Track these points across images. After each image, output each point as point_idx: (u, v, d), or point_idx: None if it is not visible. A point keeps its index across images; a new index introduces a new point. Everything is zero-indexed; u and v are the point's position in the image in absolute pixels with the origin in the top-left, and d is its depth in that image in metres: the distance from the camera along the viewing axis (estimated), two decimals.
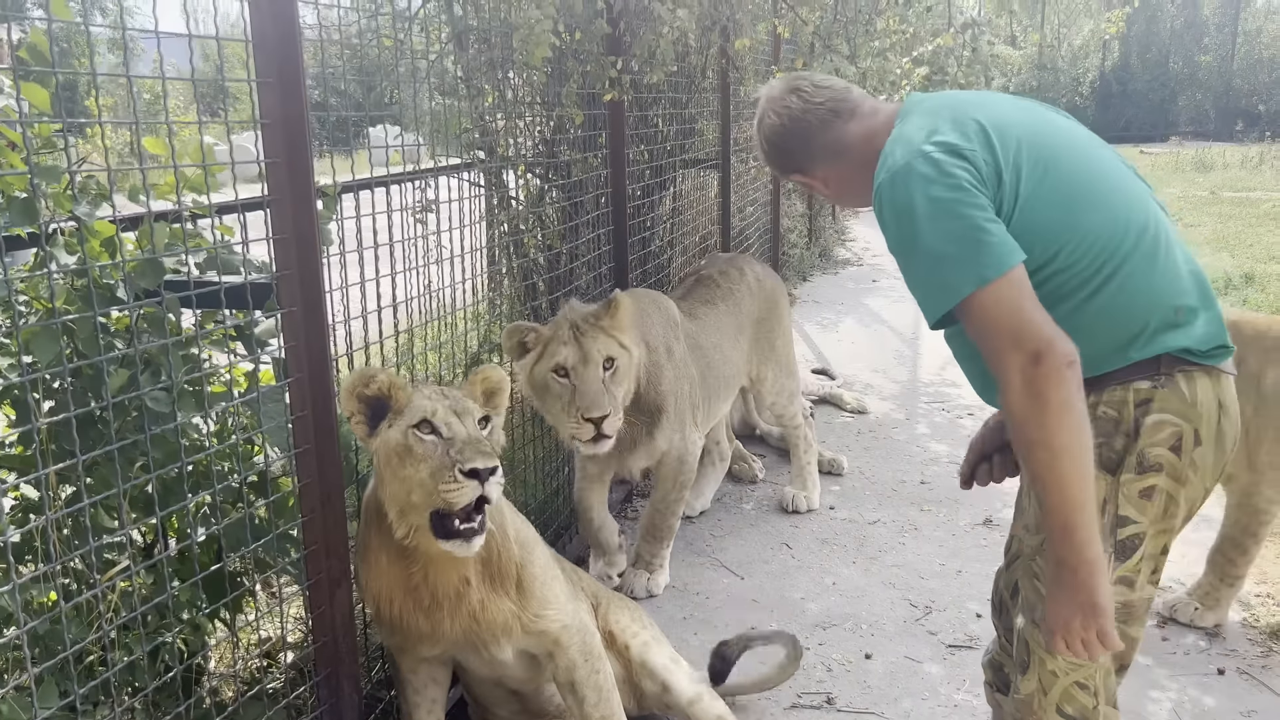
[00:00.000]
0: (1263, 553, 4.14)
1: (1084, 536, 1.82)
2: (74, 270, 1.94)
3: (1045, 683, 2.11)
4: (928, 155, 1.90)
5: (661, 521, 4.01)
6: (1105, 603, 1.85)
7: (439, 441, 2.20)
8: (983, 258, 1.83)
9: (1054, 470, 1.79)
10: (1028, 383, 1.78)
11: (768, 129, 2.26)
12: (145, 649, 1.97)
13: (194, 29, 2.02)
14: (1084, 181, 1.98)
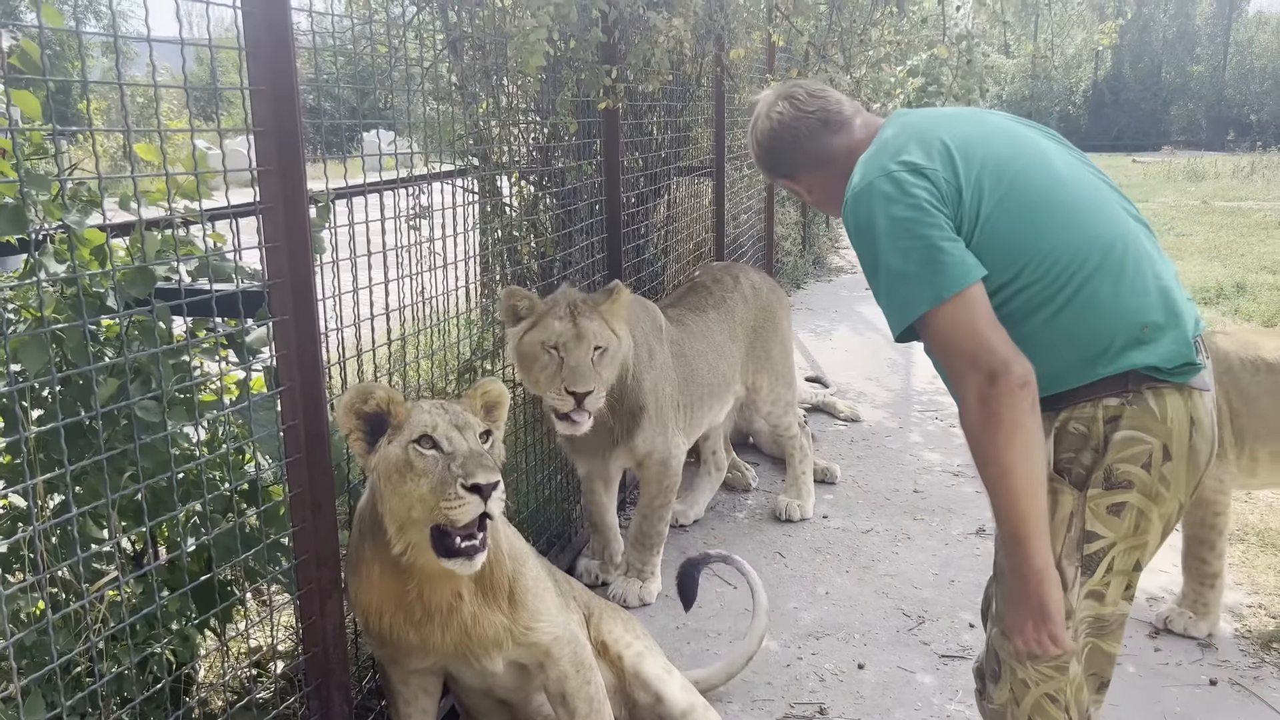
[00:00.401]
0: (1254, 562, 4.15)
1: (1033, 547, 1.88)
2: (64, 279, 1.93)
3: (1017, 693, 2.14)
4: (890, 174, 1.95)
5: (650, 528, 4.01)
6: (1054, 609, 1.92)
7: (440, 456, 2.18)
8: (938, 277, 1.87)
9: (1004, 485, 1.86)
10: (982, 401, 1.83)
11: (760, 132, 2.31)
12: (134, 660, 1.96)
13: (187, 33, 2.02)
14: (1049, 199, 1.99)
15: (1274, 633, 3.60)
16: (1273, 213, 14.59)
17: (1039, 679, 2.11)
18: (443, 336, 3.46)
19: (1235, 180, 19.36)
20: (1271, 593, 3.90)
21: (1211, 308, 8.82)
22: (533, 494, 4.07)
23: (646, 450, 3.91)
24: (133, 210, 2.05)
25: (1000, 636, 2.13)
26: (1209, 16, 29.87)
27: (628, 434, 3.84)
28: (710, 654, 3.57)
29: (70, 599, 2.02)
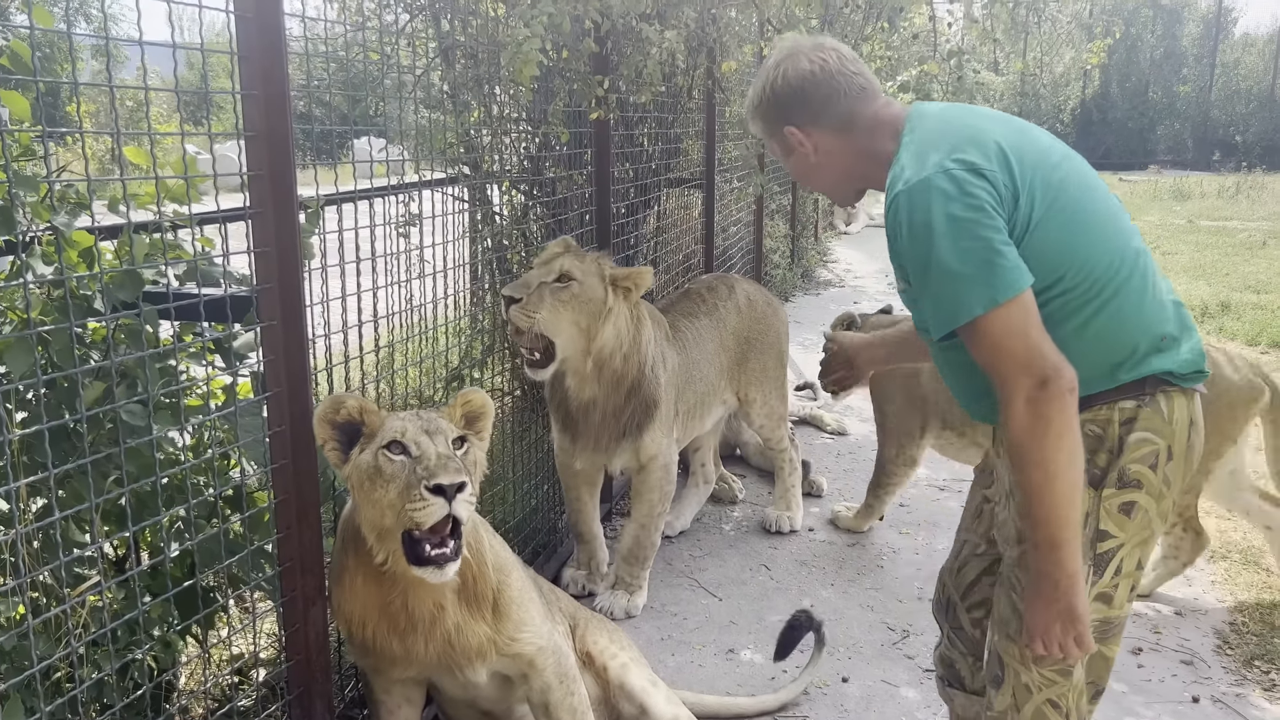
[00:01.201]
0: (1235, 580, 4.17)
1: (1068, 551, 1.91)
2: (51, 281, 1.92)
3: (1019, 698, 2.16)
4: (949, 172, 1.92)
5: (646, 538, 3.97)
6: (1083, 611, 1.96)
7: (408, 461, 2.17)
8: (995, 280, 1.87)
9: (1048, 490, 1.88)
10: (1032, 405, 1.86)
11: (793, 73, 2.16)
12: (114, 666, 1.94)
13: (178, 37, 2.01)
14: (1088, 210, 2.02)
15: (1256, 650, 3.62)
16: (1257, 233, 14.71)
17: (1043, 683, 2.13)
18: (431, 344, 3.45)
19: (1221, 200, 19.51)
20: (1253, 610, 3.92)
21: (1196, 326, 8.88)
22: (519, 504, 4.06)
23: (653, 452, 3.87)
24: (122, 213, 2.04)
25: (1006, 641, 2.16)
26: (1196, 37, 30.12)
27: (638, 429, 3.78)
28: (694, 666, 3.56)
29: (51, 604, 2.01)
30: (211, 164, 2.28)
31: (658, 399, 3.80)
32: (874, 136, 2.14)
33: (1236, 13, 31.43)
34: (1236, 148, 28.00)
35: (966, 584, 2.49)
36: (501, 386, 4.41)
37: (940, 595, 2.59)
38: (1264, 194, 19.87)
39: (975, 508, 2.47)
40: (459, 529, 2.18)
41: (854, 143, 2.17)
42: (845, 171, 2.22)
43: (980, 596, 2.47)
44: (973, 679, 2.55)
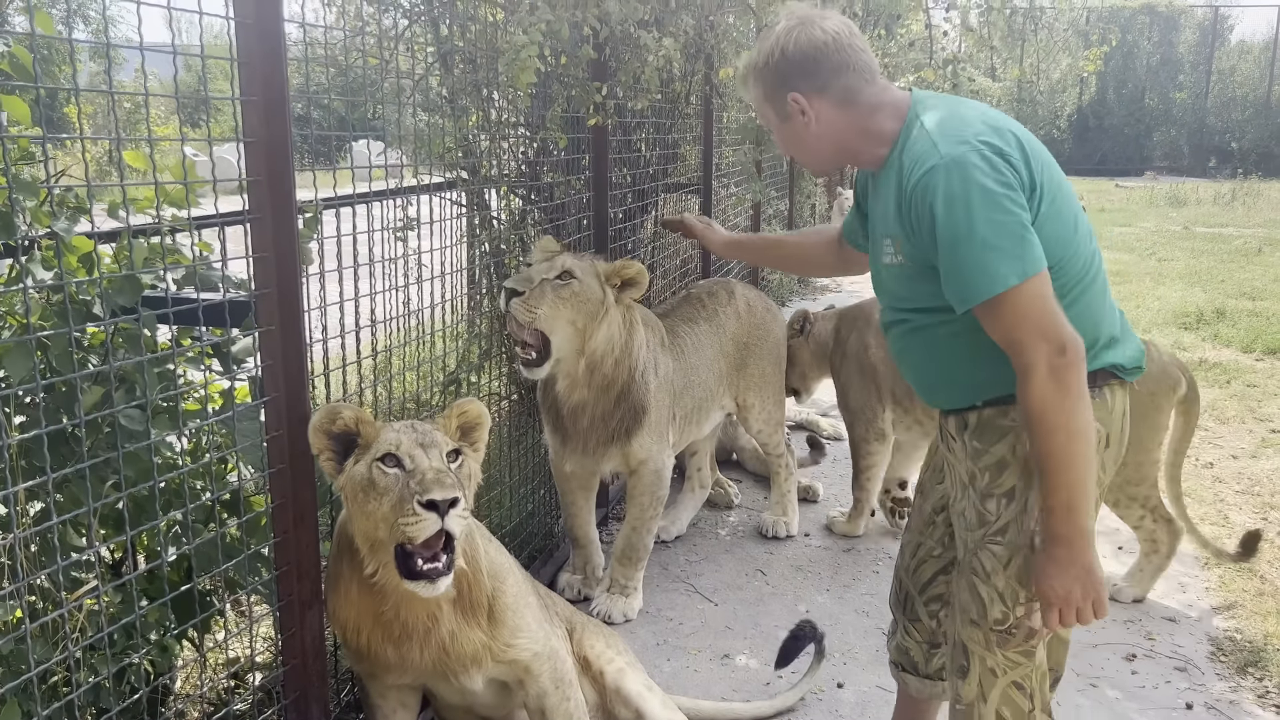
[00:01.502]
0: (1230, 586, 4.18)
1: (1083, 510, 2.00)
2: (50, 286, 1.92)
3: (985, 684, 2.25)
4: (981, 151, 1.99)
5: (638, 540, 3.97)
6: (1100, 570, 2.05)
7: (401, 474, 2.17)
8: (1028, 254, 1.96)
9: (1069, 450, 1.97)
10: (1053, 371, 1.95)
11: (806, 40, 2.17)
12: (111, 670, 1.94)
13: (177, 38, 2.02)
14: (1074, 210, 2.15)
15: (1250, 657, 3.63)
16: (1253, 239, 14.74)
17: (1007, 666, 2.22)
18: (429, 349, 3.46)
19: (1216, 206, 19.54)
20: (1247, 617, 3.93)
21: (1191, 333, 8.90)
22: (516, 508, 4.07)
23: (642, 457, 3.86)
24: (120, 218, 2.05)
25: (970, 627, 2.25)
26: (1192, 44, 30.15)
27: (627, 434, 3.78)
28: (690, 671, 3.57)
29: (49, 608, 2.01)
30: (211, 169, 2.29)
31: (647, 404, 3.80)
32: (875, 115, 2.19)
33: (1233, 20, 31.38)
34: (1232, 154, 28.03)
35: (923, 582, 2.61)
36: (498, 390, 4.42)
37: (898, 590, 2.70)
38: (1259, 201, 19.91)
39: (927, 516, 2.57)
40: (452, 543, 2.18)
41: (854, 117, 2.20)
42: (839, 145, 2.26)
43: (936, 591, 2.59)
44: (926, 664, 2.69)
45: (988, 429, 2.22)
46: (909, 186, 2.06)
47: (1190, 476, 5.51)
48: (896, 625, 2.73)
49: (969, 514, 2.25)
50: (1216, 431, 6.35)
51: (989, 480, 2.21)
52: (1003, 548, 2.20)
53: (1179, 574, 4.32)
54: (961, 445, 2.28)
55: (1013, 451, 2.18)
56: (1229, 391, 7.13)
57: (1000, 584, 2.20)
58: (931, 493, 2.56)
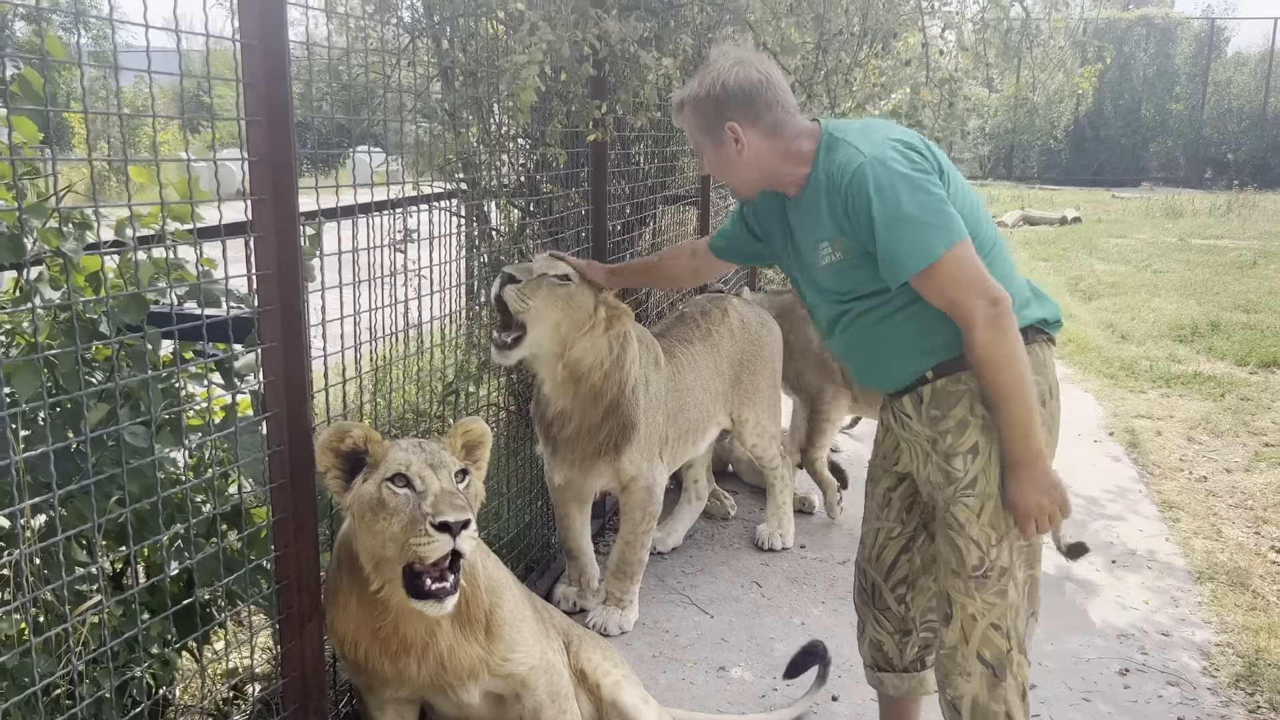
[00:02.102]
0: (1222, 601, 4.21)
1: (1036, 433, 2.32)
2: (58, 305, 1.95)
3: (966, 629, 2.49)
4: (895, 148, 2.35)
5: (632, 555, 4.00)
6: (1058, 479, 2.37)
7: (412, 495, 2.20)
8: (951, 224, 2.29)
9: (1017, 384, 2.29)
10: (990, 320, 2.27)
11: (744, 77, 2.49)
12: (114, 684, 1.97)
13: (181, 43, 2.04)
14: (974, 199, 2.49)
15: (1241, 672, 3.66)
16: (1248, 251, 14.80)
17: (985, 609, 2.46)
18: (429, 361, 3.48)
19: (1212, 218, 19.61)
20: (1239, 631, 3.96)
21: (1185, 345, 8.94)
22: (513, 520, 4.09)
23: (632, 474, 3.89)
24: (126, 236, 2.07)
25: (951, 577, 2.49)
26: (1188, 56, 30.24)
27: (615, 449, 3.79)
28: (686, 683, 3.59)
29: (52, 621, 2.03)
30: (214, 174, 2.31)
31: (636, 420, 3.81)
32: (795, 140, 2.51)
33: (1229, 32, 31.50)
34: (1228, 166, 28.12)
35: (887, 566, 2.78)
36: (496, 402, 4.44)
37: (862, 584, 2.87)
38: (1255, 213, 19.98)
39: (881, 499, 2.78)
40: (458, 563, 2.21)
41: (779, 146, 2.52)
42: (764, 170, 2.56)
43: (901, 574, 2.77)
44: (900, 656, 2.84)
45: (943, 397, 2.47)
46: (842, 187, 2.37)
47: (1183, 490, 5.55)
48: (865, 624, 2.90)
49: (935, 477, 2.50)
50: (1210, 445, 6.38)
51: (952, 441, 2.45)
52: (974, 498, 2.43)
53: (1172, 589, 4.35)
54: (918, 418, 2.53)
55: (971, 411, 2.42)
56: (1223, 405, 7.17)
57: (974, 532, 2.44)
58: (882, 479, 2.77)
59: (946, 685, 2.55)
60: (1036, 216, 19.53)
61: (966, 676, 2.50)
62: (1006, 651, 2.48)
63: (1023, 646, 2.52)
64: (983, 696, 2.49)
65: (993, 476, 2.41)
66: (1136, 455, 6.14)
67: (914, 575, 2.76)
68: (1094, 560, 4.63)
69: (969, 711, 2.51)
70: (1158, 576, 4.48)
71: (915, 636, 2.82)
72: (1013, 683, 2.49)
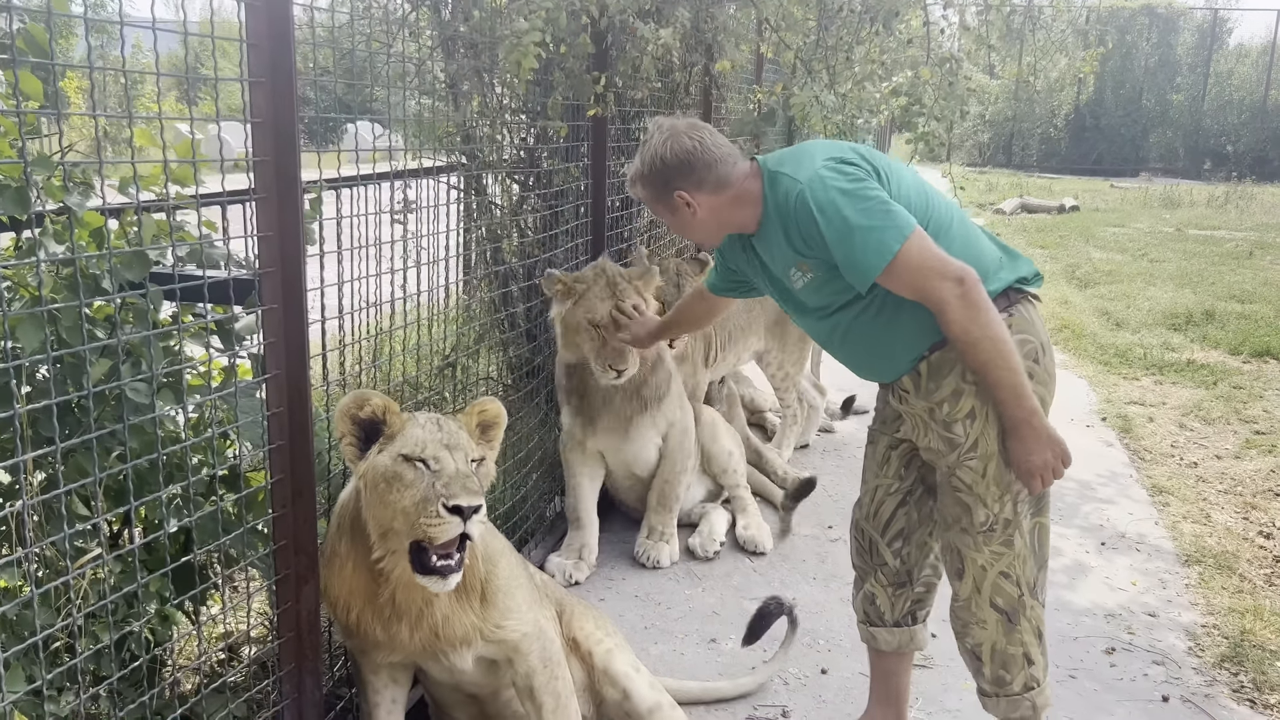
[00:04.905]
0: (1209, 584, 4.25)
1: (1027, 392, 2.44)
2: (61, 260, 1.96)
3: (977, 580, 2.64)
4: (830, 165, 2.49)
5: (670, 491, 4.40)
6: (1054, 432, 2.48)
7: (427, 473, 2.22)
8: (898, 220, 2.41)
9: (1000, 351, 2.40)
10: (962, 298, 2.38)
11: (678, 148, 2.65)
12: (113, 637, 1.99)
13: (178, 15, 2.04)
14: (915, 180, 2.63)
15: (1226, 653, 3.70)
16: (1244, 243, 14.83)
17: (993, 559, 2.61)
18: (427, 333, 3.49)
19: (1210, 209, 19.61)
20: (1225, 613, 4.00)
21: (1180, 334, 8.97)
22: (509, 492, 4.11)
23: (671, 419, 4.32)
24: (130, 194, 2.08)
25: (959, 533, 2.63)
26: (1190, 47, 30.12)
27: (658, 400, 4.22)
28: (677, 654, 3.62)
29: (51, 575, 2.05)
30: (217, 147, 2.31)
31: (672, 371, 4.30)
32: (743, 185, 2.66)
33: (1231, 23, 31.37)
34: (1227, 158, 28.06)
35: (885, 520, 2.89)
36: (492, 375, 4.46)
37: (859, 541, 2.98)
38: (1253, 204, 20.00)
39: (881, 457, 2.88)
40: (465, 544, 2.23)
41: (729, 195, 2.67)
42: (721, 221, 2.73)
43: (898, 527, 2.89)
44: (893, 610, 2.96)
45: (937, 369, 2.58)
46: (790, 214, 2.52)
47: (1174, 475, 5.58)
48: (862, 579, 3.02)
49: (937, 444, 2.62)
50: (1201, 432, 6.42)
51: (949, 409, 2.57)
52: (977, 460, 2.56)
53: (1160, 570, 4.40)
54: (916, 392, 2.63)
55: (963, 378, 2.53)
56: (1215, 393, 7.20)
57: (981, 491, 2.57)
58: (880, 440, 2.89)
59: (965, 635, 2.73)
60: (1035, 204, 19.52)
61: (982, 625, 2.67)
62: (1018, 597, 2.63)
63: (1034, 591, 2.66)
64: (1000, 642, 2.66)
65: (991, 437, 2.54)
66: (1128, 441, 6.18)
67: (910, 529, 2.88)
68: (1084, 542, 4.67)
69: (989, 657, 2.68)
70: (1146, 559, 4.52)
71: (910, 590, 2.94)
72: (1027, 625, 2.65)
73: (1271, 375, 7.75)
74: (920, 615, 2.99)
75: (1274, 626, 3.89)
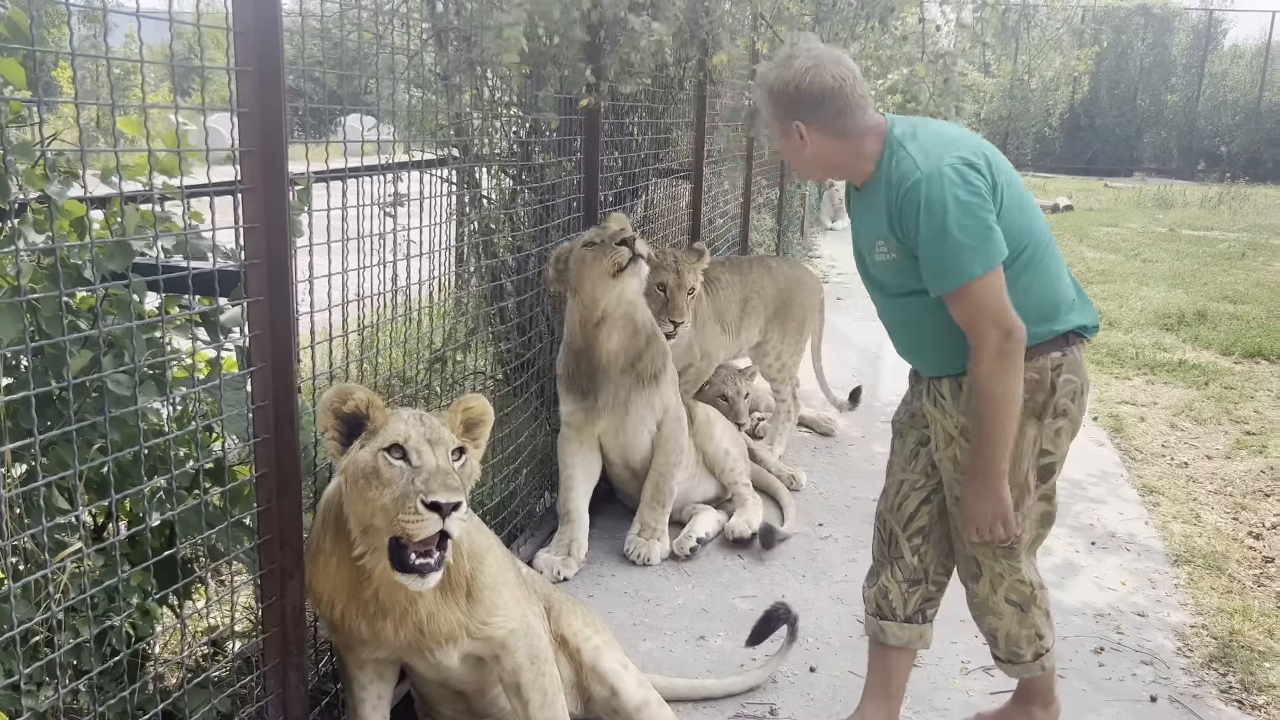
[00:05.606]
0: (1198, 584, 4.25)
1: (1001, 454, 2.56)
2: (42, 249, 1.93)
3: (994, 583, 2.83)
4: (954, 166, 2.46)
5: (664, 485, 4.42)
6: (1009, 499, 2.60)
7: (407, 469, 2.19)
8: (990, 250, 2.44)
9: (1002, 412, 2.51)
10: (1000, 351, 2.46)
11: (818, 82, 2.55)
12: (93, 631, 1.96)
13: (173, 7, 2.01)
14: (1028, 201, 2.65)
15: (1215, 653, 3.70)
16: (1237, 243, 14.85)
17: (1009, 569, 2.81)
18: (416, 327, 3.47)
19: (1203, 210, 19.65)
20: (1214, 613, 4.00)
21: (1171, 334, 8.98)
22: (499, 486, 4.09)
23: (666, 404, 4.40)
24: (111, 184, 2.05)
25: (979, 545, 2.76)
26: (1185, 47, 30.14)
27: (653, 377, 4.32)
28: (666, 651, 3.61)
29: (31, 568, 2.03)
30: (204, 138, 2.29)
31: (666, 351, 4.41)
32: (863, 140, 2.61)
33: (1226, 24, 31.51)
34: (1221, 158, 28.12)
35: (908, 515, 2.92)
36: (483, 369, 4.44)
37: (881, 533, 3.01)
38: (1246, 205, 20.04)
39: (910, 452, 2.92)
40: (446, 542, 2.21)
41: (845, 145, 2.63)
42: (828, 164, 2.70)
43: (920, 524, 2.92)
44: (905, 606, 2.97)
45: None
46: (898, 198, 2.51)
47: (1164, 475, 5.59)
48: (878, 570, 3.02)
49: (961, 458, 2.70)
50: (1192, 432, 6.43)
51: None
52: None
53: (1149, 570, 4.40)
54: (954, 403, 2.70)
55: None
56: (1206, 393, 7.21)
57: None
58: (909, 433, 2.92)
59: (981, 620, 2.94)
60: None
61: (998, 616, 2.87)
62: (1030, 593, 2.85)
63: (1041, 583, 2.90)
64: (1014, 628, 2.88)
65: (1021, 469, 2.65)
66: (1120, 440, 6.18)
67: (931, 527, 2.91)
68: (1074, 541, 4.67)
69: (1004, 639, 2.90)
70: (1136, 559, 4.52)
71: (924, 588, 2.96)
72: (1038, 610, 2.88)
73: (1263, 376, 7.76)
74: (930, 614, 3.00)
75: (1262, 627, 3.89)
